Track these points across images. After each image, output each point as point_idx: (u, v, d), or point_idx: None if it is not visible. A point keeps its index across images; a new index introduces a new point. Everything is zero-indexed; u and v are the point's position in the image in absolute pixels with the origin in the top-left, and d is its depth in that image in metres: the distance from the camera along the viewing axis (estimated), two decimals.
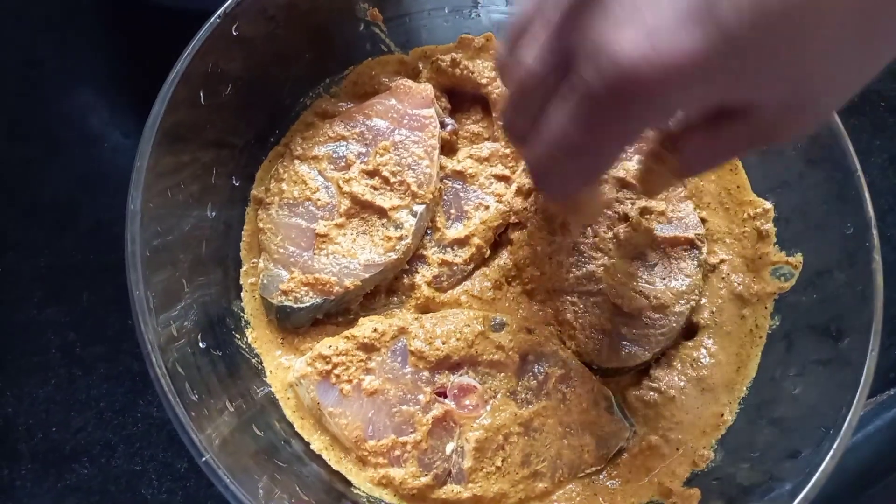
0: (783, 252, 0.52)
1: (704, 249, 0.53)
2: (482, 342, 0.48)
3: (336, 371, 0.48)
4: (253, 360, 0.51)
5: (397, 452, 0.47)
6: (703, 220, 0.54)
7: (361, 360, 0.48)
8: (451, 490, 0.46)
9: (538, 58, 0.30)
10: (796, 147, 0.52)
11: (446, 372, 0.48)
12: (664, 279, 0.51)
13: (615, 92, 0.26)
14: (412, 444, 0.46)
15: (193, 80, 0.47)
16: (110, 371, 0.57)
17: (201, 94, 0.48)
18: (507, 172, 0.55)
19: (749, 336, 0.52)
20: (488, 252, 0.54)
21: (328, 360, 0.48)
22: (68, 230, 0.63)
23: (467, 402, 0.47)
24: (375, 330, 0.49)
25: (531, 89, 0.31)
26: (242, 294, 0.53)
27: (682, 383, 0.50)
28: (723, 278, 0.53)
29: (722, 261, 0.54)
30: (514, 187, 0.54)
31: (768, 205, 0.54)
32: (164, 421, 0.56)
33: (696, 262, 0.52)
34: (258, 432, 0.46)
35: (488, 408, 0.47)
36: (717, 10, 0.24)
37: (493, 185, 0.55)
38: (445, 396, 0.48)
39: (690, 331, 0.53)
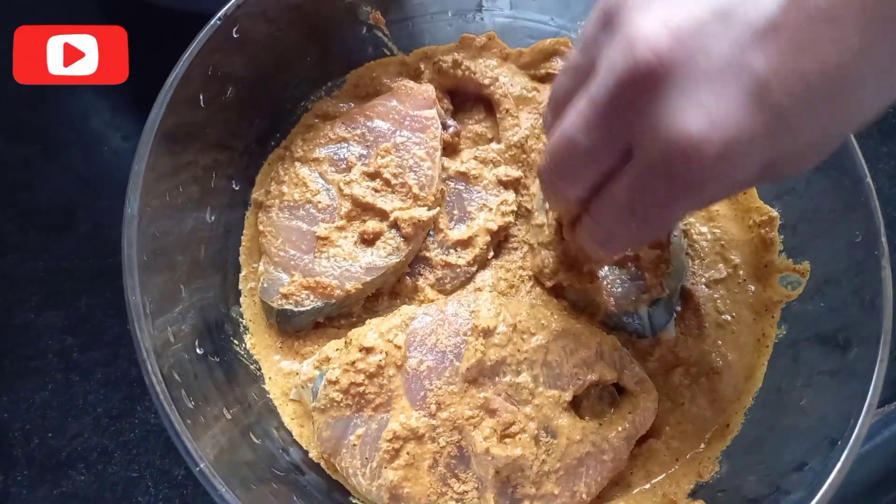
0: (790, 260, 0.51)
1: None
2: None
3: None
4: (251, 367, 0.51)
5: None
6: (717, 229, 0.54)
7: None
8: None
9: (586, 135, 0.33)
10: None
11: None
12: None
13: (679, 169, 0.30)
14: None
15: (193, 82, 0.46)
16: (107, 376, 0.57)
17: (201, 97, 0.48)
18: (511, 174, 0.54)
19: (756, 345, 0.51)
20: (491, 254, 0.53)
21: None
22: (67, 233, 0.62)
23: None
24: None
25: (577, 161, 0.35)
26: (241, 299, 0.53)
27: (696, 395, 0.49)
28: (738, 283, 0.52)
29: (736, 266, 0.53)
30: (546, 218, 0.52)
31: (774, 213, 0.53)
32: (162, 428, 0.54)
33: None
34: (256, 440, 0.46)
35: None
36: (773, 95, 0.29)
37: (497, 186, 0.54)
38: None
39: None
